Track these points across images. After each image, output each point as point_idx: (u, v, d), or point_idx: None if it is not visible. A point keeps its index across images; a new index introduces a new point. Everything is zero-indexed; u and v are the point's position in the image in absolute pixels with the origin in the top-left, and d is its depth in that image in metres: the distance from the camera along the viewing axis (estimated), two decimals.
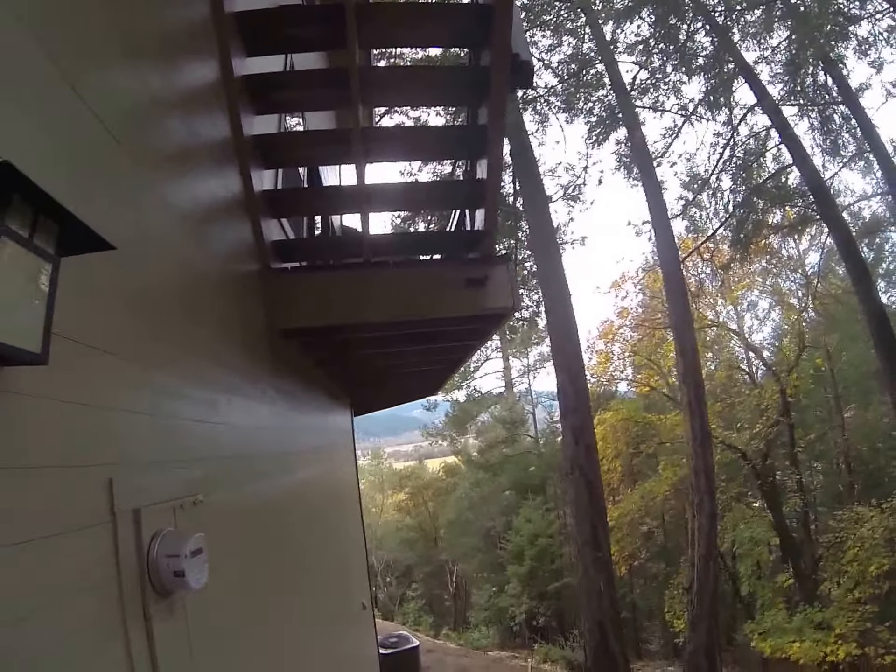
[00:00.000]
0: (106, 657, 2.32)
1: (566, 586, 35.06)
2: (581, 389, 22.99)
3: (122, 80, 2.98)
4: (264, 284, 5.65)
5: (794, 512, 32.76)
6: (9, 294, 1.65)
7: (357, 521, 13.92)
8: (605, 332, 42.62)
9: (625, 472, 38.48)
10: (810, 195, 25.70)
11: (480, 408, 49.88)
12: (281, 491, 6.28)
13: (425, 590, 47.31)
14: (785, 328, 38.34)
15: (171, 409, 3.29)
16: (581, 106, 28.48)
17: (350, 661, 10.50)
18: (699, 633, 20.28)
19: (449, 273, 6.07)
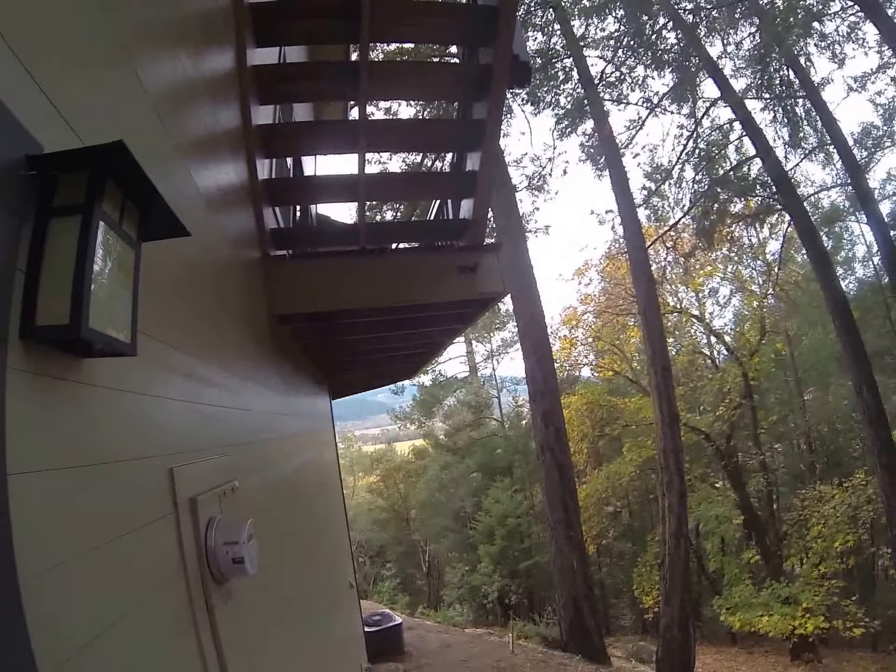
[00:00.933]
0: (181, 652, 2.33)
1: (536, 565, 35.72)
2: (549, 373, 23.30)
3: (169, 63, 2.99)
4: (265, 271, 5.70)
5: (758, 491, 33.67)
6: (104, 282, 1.61)
7: (340, 503, 13.95)
8: (568, 318, 43.01)
9: (591, 454, 39.07)
10: (772, 185, 26.19)
11: (446, 392, 50.28)
12: (289, 473, 6.38)
13: (399, 569, 47.33)
14: (746, 314, 38.71)
15: (208, 396, 3.30)
16: (548, 99, 28.61)
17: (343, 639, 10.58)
18: (672, 607, 20.51)
19: (441, 260, 6.20)
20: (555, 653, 19.39)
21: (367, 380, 16.57)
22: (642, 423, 33.16)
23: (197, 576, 2.57)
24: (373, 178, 6.12)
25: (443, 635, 20.13)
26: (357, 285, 5.96)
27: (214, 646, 2.63)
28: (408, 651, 16.67)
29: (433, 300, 6.39)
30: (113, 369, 1.99)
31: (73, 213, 1.53)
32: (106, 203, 1.60)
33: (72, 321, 1.47)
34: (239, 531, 2.80)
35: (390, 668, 14.54)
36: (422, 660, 15.89)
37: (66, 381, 1.71)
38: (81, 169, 1.56)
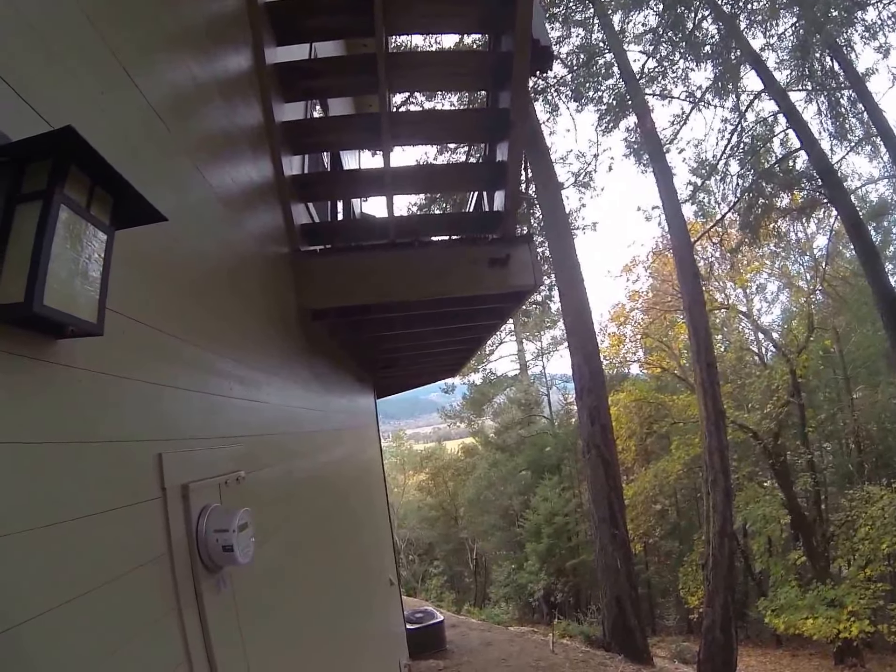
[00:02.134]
0: (161, 629, 2.35)
1: (583, 563, 35.58)
2: (596, 370, 23.00)
3: (171, 67, 3.05)
4: (295, 266, 5.72)
5: (806, 491, 32.71)
6: (66, 263, 1.67)
7: (383, 500, 14.04)
8: (616, 315, 42.73)
9: (638, 452, 38.65)
10: (818, 179, 25.53)
11: (496, 390, 50.20)
12: (315, 469, 6.36)
13: (447, 567, 47.63)
14: (794, 310, 38.01)
15: (215, 386, 3.34)
16: (591, 95, 28.53)
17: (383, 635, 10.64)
18: (715, 608, 20.25)
19: (472, 253, 6.09)
20: (596, 652, 19.23)
21: (410, 377, 16.57)
22: (690, 421, 32.65)
23: (186, 561, 2.60)
24: (399, 171, 6.05)
25: (485, 633, 20.09)
26: (388, 279, 5.95)
27: (201, 630, 2.65)
28: (449, 648, 16.69)
29: (464, 293, 6.37)
30: (97, 353, 2.04)
31: (36, 198, 1.59)
32: (70, 188, 1.66)
33: (26, 299, 1.53)
34: (230, 519, 2.81)
35: (430, 664, 14.57)
36: (462, 657, 15.89)
37: (39, 361, 1.77)
38: (47, 157, 1.61)
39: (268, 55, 4.76)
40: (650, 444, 38.65)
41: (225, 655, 2.83)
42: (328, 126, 6.62)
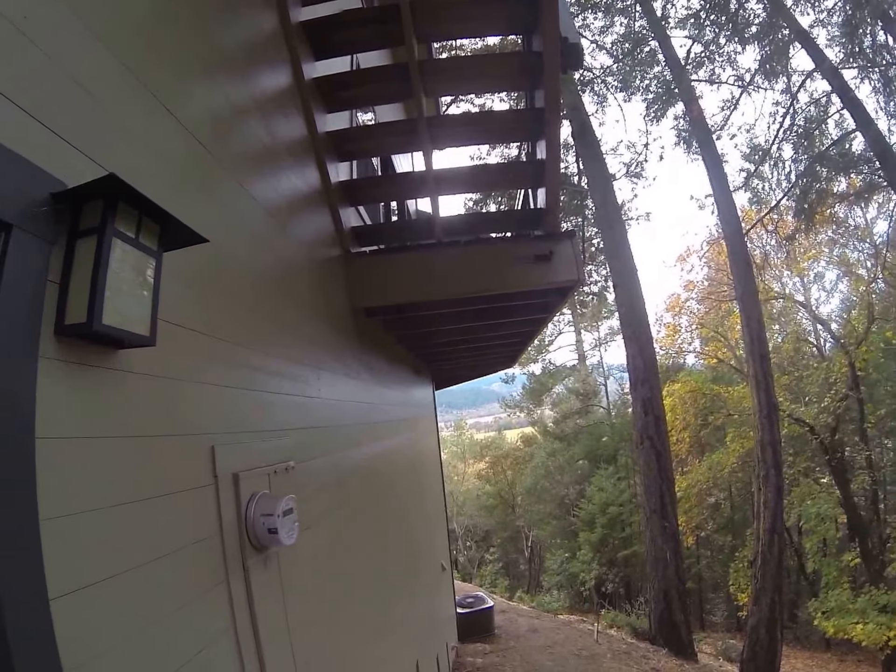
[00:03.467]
0: (211, 601, 2.67)
1: (635, 554, 35.16)
2: (650, 361, 22.93)
3: (208, 94, 3.33)
4: (346, 267, 6.03)
5: (863, 489, 31.49)
6: (121, 287, 1.99)
7: (438, 488, 14.32)
8: (672, 304, 42.11)
9: (693, 444, 37.85)
10: (876, 161, 24.34)
11: (555, 380, 50.21)
12: (368, 459, 6.68)
13: (502, 554, 47.98)
14: (853, 300, 35.97)
15: (266, 384, 3.67)
16: (637, 84, 28.13)
17: (431, 618, 10.93)
18: (761, 607, 19.91)
19: (517, 250, 6.25)
20: (640, 644, 19.30)
21: (467, 369, 16.79)
22: (745, 413, 31.18)
23: (235, 540, 2.94)
24: (441, 172, 6.25)
25: (533, 620, 20.29)
26: (436, 277, 6.18)
27: (247, 602, 2.98)
28: (497, 633, 16.99)
29: (509, 290, 6.58)
30: (152, 359, 2.36)
31: (91, 234, 1.93)
32: (120, 222, 1.98)
33: (87, 319, 1.87)
34: (276, 504, 3.13)
35: (477, 648, 14.84)
36: (509, 642, 16.14)
37: (101, 368, 2.10)
38: (97, 197, 1.94)
39: (306, 70, 5.02)
40: (705, 436, 37.67)
41: (268, 626, 3.15)
42: (369, 133, 6.80)
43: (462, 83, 6.38)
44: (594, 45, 27.52)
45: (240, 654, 2.84)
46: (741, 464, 32.73)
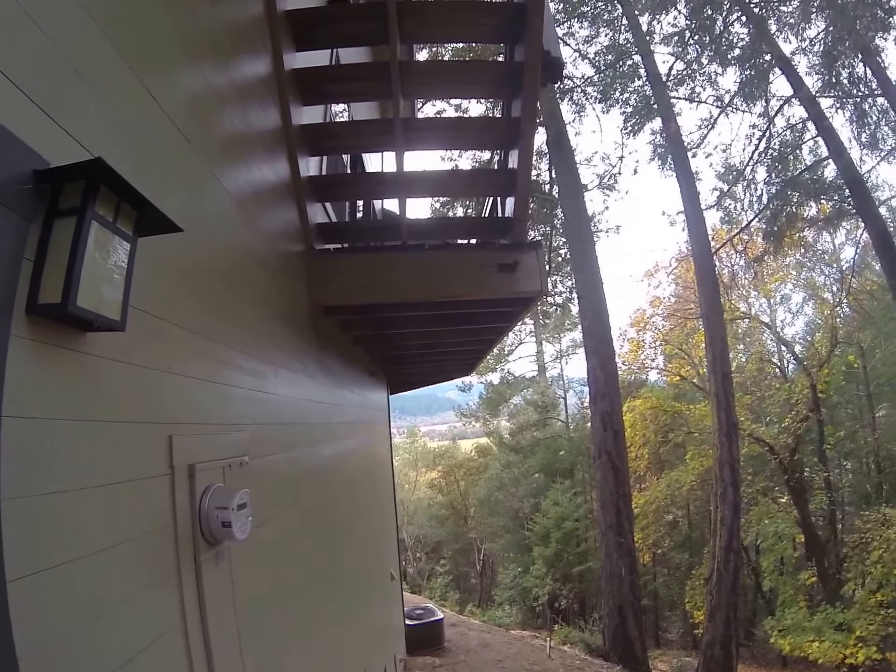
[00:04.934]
0: (162, 595, 2.62)
1: (589, 570, 35.25)
2: (611, 375, 23.03)
3: (189, 79, 3.31)
4: (308, 264, 5.97)
5: (821, 509, 32.18)
6: (96, 270, 1.97)
7: (390, 495, 14.24)
8: (637, 320, 42.34)
9: (652, 460, 38.26)
10: (846, 189, 24.91)
11: (513, 391, 50.04)
12: (322, 460, 6.63)
13: (453, 566, 47.66)
14: (818, 323, 37.12)
15: (225, 377, 3.63)
16: (617, 96, 28.21)
17: (379, 628, 10.82)
18: (716, 624, 20.18)
19: (482, 257, 6.25)
20: (594, 661, 19.29)
21: (424, 375, 16.78)
22: (706, 431, 31.26)
23: (188, 533, 2.88)
24: (412, 175, 6.22)
25: (484, 634, 20.26)
26: (399, 280, 6.13)
27: (197, 597, 2.92)
28: (447, 647, 16.90)
29: (473, 297, 6.50)
30: (120, 345, 2.34)
31: (71, 214, 1.90)
32: (100, 206, 1.97)
33: (62, 300, 1.84)
34: (230, 498, 3.08)
35: (426, 661, 14.76)
36: (459, 656, 16.09)
37: (68, 350, 2.06)
38: (80, 178, 1.91)
39: (287, 60, 5.00)
40: (664, 453, 38.07)
41: (218, 624, 3.10)
42: (344, 130, 6.81)
43: (441, 87, 6.47)
44: (577, 54, 27.79)
45: (188, 651, 2.79)
46: (700, 482, 32.98)
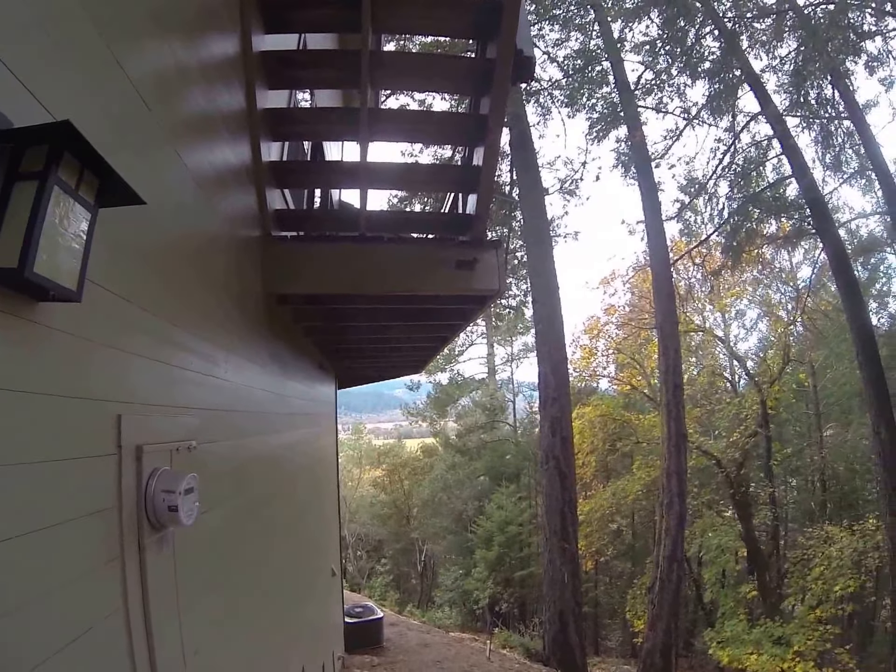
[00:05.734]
0: (104, 578, 2.54)
1: (531, 576, 35.26)
2: (562, 381, 23.11)
3: (158, 53, 3.23)
4: (264, 251, 5.88)
5: (765, 524, 32.81)
6: (55, 238, 1.89)
7: (334, 490, 14.14)
8: (590, 327, 42.18)
9: (599, 468, 38.25)
10: (807, 208, 25.27)
11: (462, 392, 50.06)
12: (268, 450, 6.52)
13: (394, 566, 47.46)
14: (771, 340, 37.84)
15: (178, 359, 3.54)
16: (584, 102, 28.11)
17: (319, 623, 10.73)
18: (657, 633, 20.34)
19: (440, 253, 6.26)
20: (533, 665, 19.37)
21: (374, 370, 16.66)
22: (654, 442, 32.05)
23: (133, 516, 2.80)
24: (375, 166, 6.14)
25: (423, 635, 20.24)
26: (355, 271, 6.07)
27: (140, 582, 2.84)
28: (386, 646, 16.83)
29: (429, 292, 6.53)
30: (73, 317, 2.26)
31: (32, 178, 1.83)
32: (63, 171, 1.89)
33: (19, 265, 1.76)
34: (178, 481, 3.01)
35: (364, 660, 14.67)
36: (398, 656, 16.03)
37: (19, 318, 1.98)
38: (44, 142, 1.85)
39: (255, 42, 4.90)
40: (611, 462, 38.33)
41: (160, 609, 3.02)
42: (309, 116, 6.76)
43: (411, 79, 6.42)
44: (546, 57, 27.64)
45: (130, 637, 2.71)
46: (646, 492, 33.20)
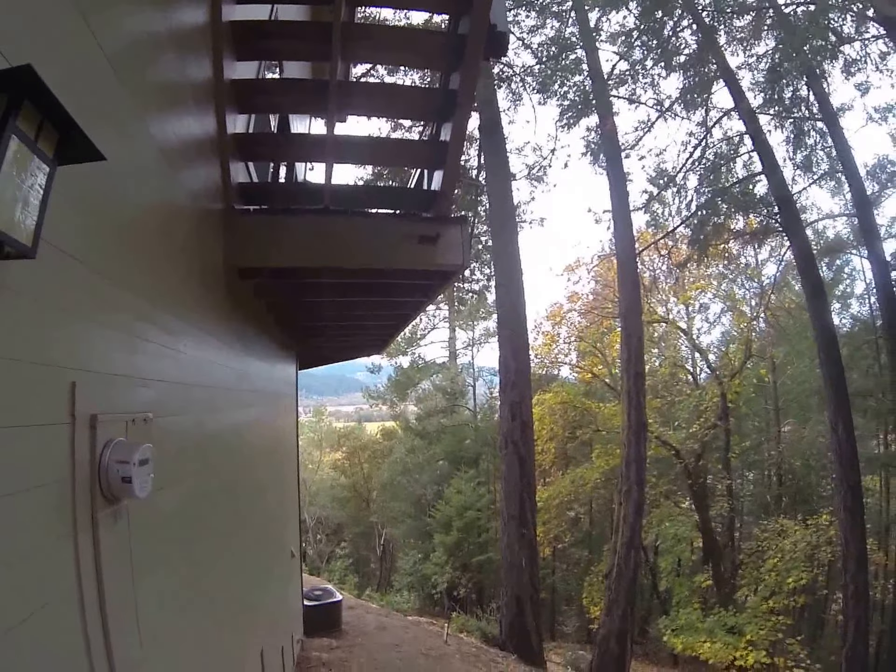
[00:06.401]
0: (56, 554, 2.44)
1: (490, 561, 35.40)
2: (523, 366, 23.18)
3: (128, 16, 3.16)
4: (226, 223, 5.75)
5: (721, 516, 33.34)
6: (11, 189, 1.78)
7: (293, 471, 13.99)
8: (553, 313, 42.41)
9: (558, 455, 38.52)
10: (775, 206, 25.56)
11: (423, 375, 50.06)
12: (227, 427, 6.42)
13: (353, 550, 47.51)
14: (734, 335, 38.25)
15: (136, 328, 3.44)
16: (556, 89, 27.81)
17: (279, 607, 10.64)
18: (613, 619, 20.50)
19: (404, 228, 6.19)
20: (490, 649, 19.47)
21: (335, 350, 16.64)
22: (614, 431, 32.06)
23: (86, 488, 2.70)
24: (342, 139, 6.06)
25: (382, 618, 20.21)
26: (318, 245, 6.01)
27: (94, 558, 2.75)
28: (344, 629, 16.74)
29: (392, 266, 6.49)
30: (28, 277, 2.16)
31: None
32: (22, 121, 1.79)
33: None
34: (132, 452, 2.91)
35: (323, 642, 14.61)
36: (356, 639, 15.97)
37: None
38: (3, 90, 1.73)
39: (225, 10, 4.79)
40: (571, 449, 38.49)
41: (115, 589, 2.92)
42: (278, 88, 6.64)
43: (382, 53, 6.40)
44: (521, 43, 27.47)
45: (83, 615, 2.62)
46: (604, 481, 33.58)
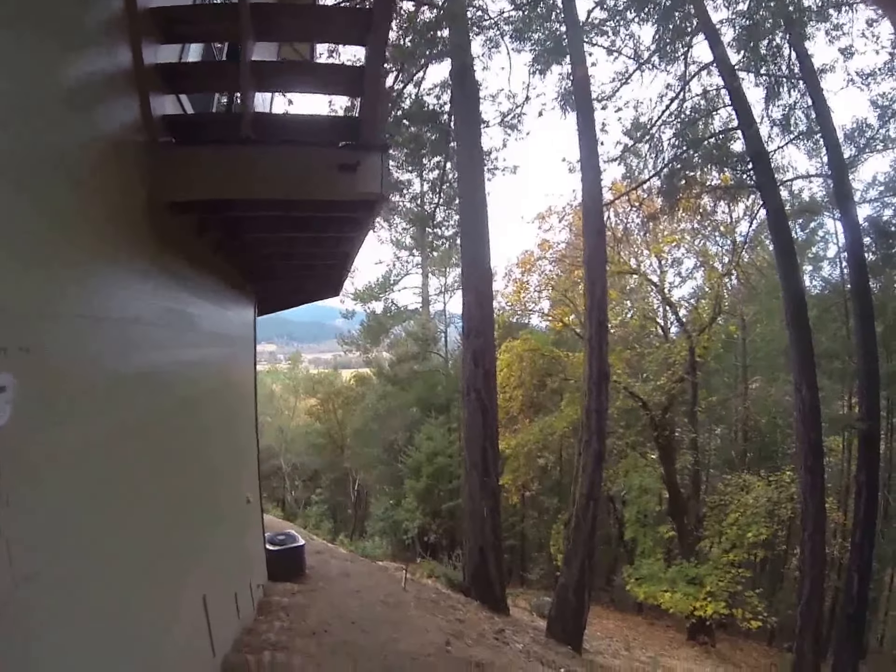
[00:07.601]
0: None
1: (459, 507, 34.89)
2: (487, 313, 23.17)
3: None
4: (150, 158, 5.55)
5: (686, 469, 33.86)
6: None
7: (250, 417, 13.82)
8: (524, 261, 41.74)
9: (526, 403, 38.25)
10: (750, 162, 25.30)
11: (395, 321, 50.15)
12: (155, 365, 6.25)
13: (329, 496, 48.04)
14: (705, 290, 37.93)
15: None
16: (531, 35, 27.45)
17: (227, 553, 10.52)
18: (572, 570, 20.49)
19: (326, 157, 6.13)
20: (453, 595, 19.84)
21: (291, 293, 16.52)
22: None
23: None
24: (262, 64, 5.96)
25: (346, 564, 20.38)
26: (246, 176, 5.93)
27: None
28: (308, 574, 16.84)
29: (315, 197, 6.44)
30: None
31: None
32: None
33: None
34: None
35: (286, 587, 14.63)
36: (318, 584, 16.06)
37: None
38: None
39: None
40: (540, 398, 38.56)
41: None
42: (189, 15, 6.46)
43: None
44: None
45: None
46: (573, 429, 33.02)
